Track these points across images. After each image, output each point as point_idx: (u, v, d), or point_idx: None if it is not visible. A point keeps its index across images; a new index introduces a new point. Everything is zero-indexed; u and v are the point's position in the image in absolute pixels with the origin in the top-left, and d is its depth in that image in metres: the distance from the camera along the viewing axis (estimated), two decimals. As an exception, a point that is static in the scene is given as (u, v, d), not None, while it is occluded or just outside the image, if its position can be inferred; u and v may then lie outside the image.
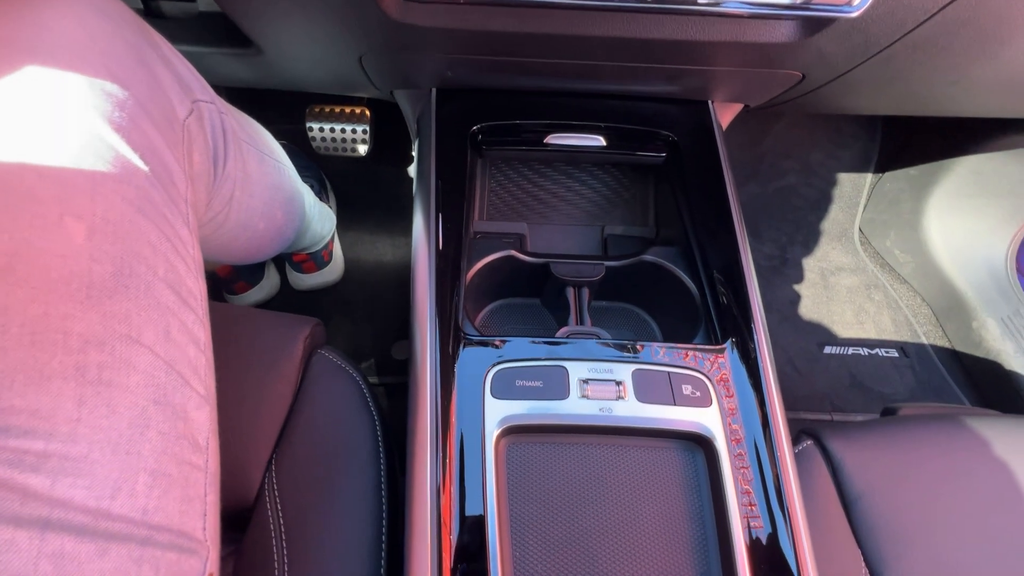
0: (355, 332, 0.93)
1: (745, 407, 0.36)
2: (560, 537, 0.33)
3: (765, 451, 0.35)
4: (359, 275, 0.99)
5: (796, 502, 0.35)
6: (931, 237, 0.93)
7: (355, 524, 0.35)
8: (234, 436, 0.39)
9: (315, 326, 0.45)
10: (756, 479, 0.34)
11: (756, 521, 0.33)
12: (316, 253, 0.91)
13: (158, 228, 0.29)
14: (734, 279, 0.43)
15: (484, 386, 0.36)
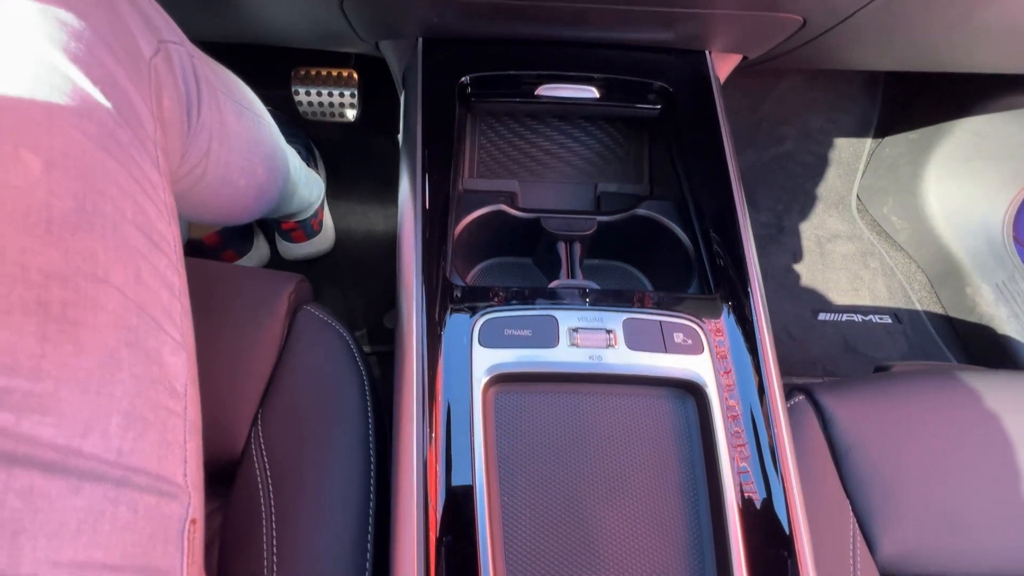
0: (346, 302, 0.92)
1: (737, 355, 0.36)
2: (549, 483, 0.32)
3: (757, 400, 0.35)
4: (350, 245, 0.98)
5: (787, 451, 0.34)
6: (929, 203, 0.92)
7: (343, 476, 0.35)
8: (219, 391, 0.38)
9: (300, 282, 0.44)
10: (747, 427, 0.34)
11: (747, 470, 0.33)
12: (305, 222, 0.89)
13: (124, 168, 0.28)
14: (728, 231, 0.42)
15: (472, 335, 0.35)
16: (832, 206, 1.01)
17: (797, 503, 0.33)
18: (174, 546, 0.27)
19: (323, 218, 0.94)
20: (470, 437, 0.32)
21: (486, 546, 0.29)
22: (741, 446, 0.33)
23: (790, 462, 0.35)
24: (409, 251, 0.39)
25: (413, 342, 0.35)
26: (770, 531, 0.32)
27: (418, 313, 0.36)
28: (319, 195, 0.85)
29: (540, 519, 0.31)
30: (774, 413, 0.35)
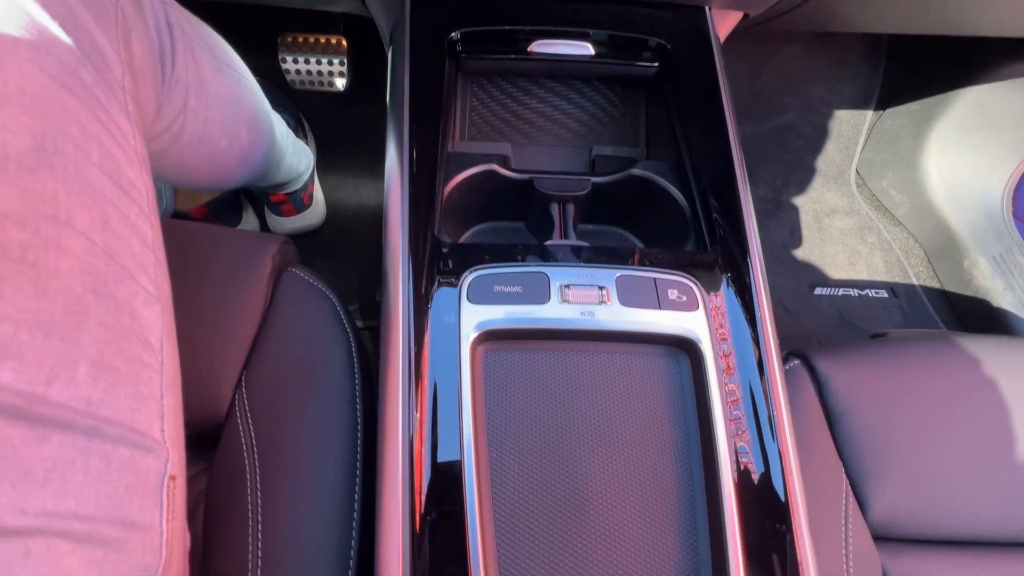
0: (338, 276, 0.91)
1: (733, 313, 0.35)
2: (538, 441, 0.32)
3: (753, 359, 0.34)
4: (342, 219, 0.96)
5: (784, 412, 0.34)
6: (929, 176, 0.91)
7: (329, 436, 0.34)
8: (201, 352, 0.37)
9: (284, 244, 0.42)
10: (744, 387, 0.33)
11: (742, 431, 0.32)
12: (295, 195, 0.87)
13: (88, 109, 0.26)
14: (726, 189, 0.41)
15: (460, 292, 0.34)
16: (831, 180, 1.00)
17: (793, 466, 0.33)
18: (152, 501, 0.26)
19: (313, 191, 0.92)
20: (458, 394, 0.31)
21: (473, 503, 0.29)
22: (735, 403, 0.33)
23: (786, 424, 0.34)
24: (396, 210, 0.38)
25: (399, 299, 0.34)
26: (765, 493, 0.31)
27: (404, 270, 0.35)
28: (308, 166, 0.83)
29: (529, 476, 0.31)
30: (770, 373, 0.35)
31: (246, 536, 0.32)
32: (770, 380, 0.34)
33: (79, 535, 0.22)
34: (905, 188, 0.95)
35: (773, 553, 0.30)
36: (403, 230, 0.36)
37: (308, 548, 0.31)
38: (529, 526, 0.30)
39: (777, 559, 0.30)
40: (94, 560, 0.22)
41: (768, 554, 0.30)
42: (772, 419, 0.33)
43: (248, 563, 0.31)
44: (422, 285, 0.34)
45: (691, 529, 0.30)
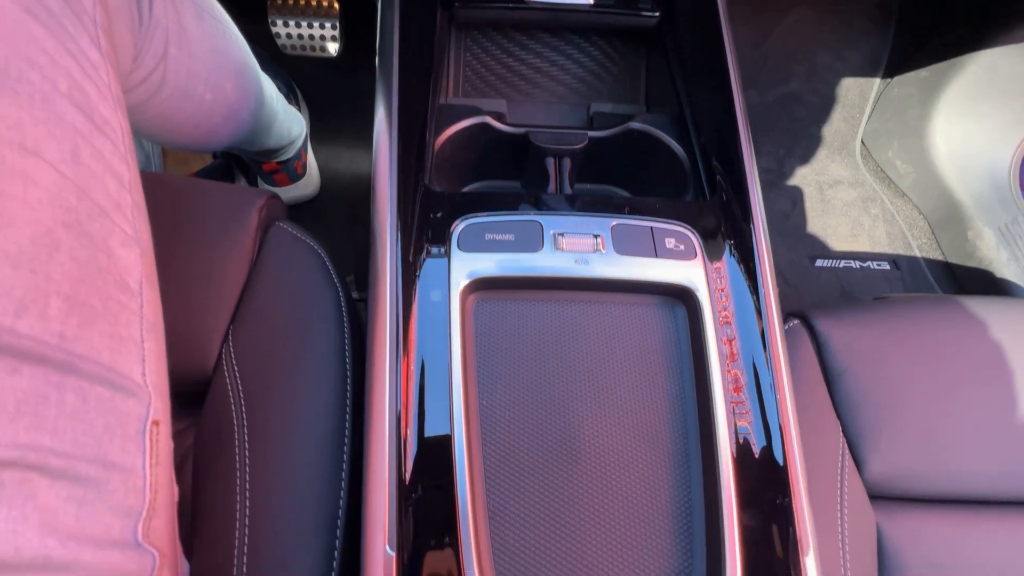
0: (334, 248, 0.89)
1: (732, 263, 0.34)
2: (529, 392, 0.31)
3: (752, 310, 0.33)
4: (337, 190, 0.94)
5: (782, 363, 0.33)
6: (935, 145, 0.89)
7: (318, 390, 0.34)
8: (187, 306, 0.36)
9: (271, 198, 0.41)
10: (741, 337, 0.32)
11: (739, 382, 0.31)
12: (288, 163, 0.86)
13: (56, 39, 0.25)
14: (727, 140, 0.39)
15: (451, 240, 0.33)
16: (835, 151, 0.98)
17: (791, 420, 0.32)
18: (134, 444, 0.25)
19: (307, 161, 0.90)
20: (447, 344, 0.30)
21: (462, 455, 0.28)
22: (733, 355, 0.32)
23: (785, 379, 0.33)
24: (384, 159, 0.36)
25: (387, 247, 0.33)
26: (762, 448, 0.31)
27: (392, 219, 0.33)
28: (300, 132, 0.81)
29: (520, 427, 0.30)
30: (770, 326, 0.34)
31: (233, 490, 0.32)
32: (769, 334, 0.33)
33: (55, 470, 0.22)
34: (911, 158, 0.93)
35: (769, 507, 0.29)
36: (391, 179, 0.35)
37: (295, 502, 0.31)
38: (520, 477, 0.30)
39: (772, 513, 0.29)
40: (72, 497, 0.22)
41: (763, 508, 0.29)
42: (771, 374, 0.33)
43: (236, 517, 0.31)
44: (412, 234, 0.33)
45: (685, 481, 0.30)
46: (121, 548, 0.24)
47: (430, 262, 0.32)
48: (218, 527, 0.31)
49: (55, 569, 0.21)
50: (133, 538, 0.25)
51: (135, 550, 0.24)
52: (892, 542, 0.39)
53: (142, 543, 0.25)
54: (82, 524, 0.22)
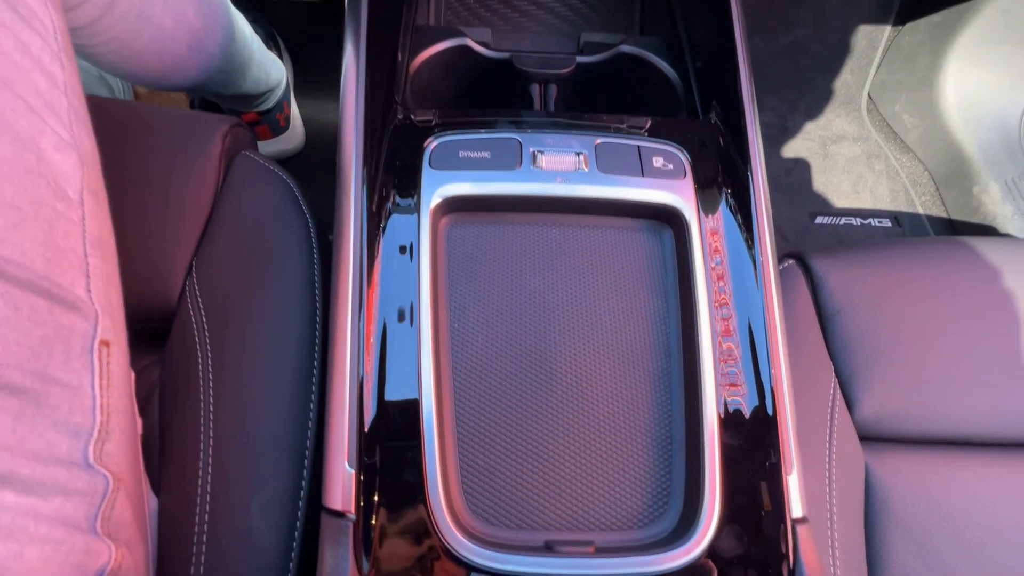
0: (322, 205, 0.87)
1: (724, 186, 0.32)
2: (504, 317, 0.29)
3: (742, 237, 0.31)
4: (322, 144, 0.91)
5: (773, 293, 0.31)
6: (945, 96, 0.86)
7: (285, 321, 0.32)
8: (148, 238, 0.34)
9: (235, 125, 0.39)
10: (731, 263, 0.30)
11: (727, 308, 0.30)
12: (269, 114, 0.82)
13: None
14: (723, 58, 0.36)
15: (422, 158, 0.30)
16: (841, 105, 0.94)
17: (777, 319, 0.30)
18: (79, 362, 0.24)
19: (289, 113, 0.87)
20: (416, 259, 0.28)
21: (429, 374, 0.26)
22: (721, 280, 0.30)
23: (776, 309, 0.31)
24: (352, 79, 0.33)
25: (352, 166, 0.30)
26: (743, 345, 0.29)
27: (358, 137, 0.31)
28: (279, 79, 0.77)
29: (494, 352, 0.29)
30: (763, 253, 0.31)
31: (198, 424, 0.30)
32: (762, 259, 0.31)
33: None
34: (919, 111, 0.89)
35: (751, 424, 0.28)
36: (358, 99, 0.32)
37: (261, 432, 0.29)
38: (491, 399, 0.28)
39: (755, 430, 0.28)
40: (7, 408, 0.21)
41: (747, 427, 0.28)
42: (762, 300, 0.31)
43: (199, 449, 0.30)
44: (381, 155, 0.31)
45: (666, 400, 0.29)
46: (67, 466, 0.22)
47: (399, 181, 0.30)
48: (183, 460, 0.30)
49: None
50: (82, 458, 0.23)
51: (84, 470, 0.23)
52: (880, 482, 0.38)
53: (93, 464, 0.24)
54: (19, 437, 0.21)
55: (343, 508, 0.24)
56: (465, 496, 0.26)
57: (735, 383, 0.28)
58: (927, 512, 0.38)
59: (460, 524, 0.24)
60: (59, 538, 0.21)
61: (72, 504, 0.22)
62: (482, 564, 0.23)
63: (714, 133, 0.33)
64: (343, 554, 0.23)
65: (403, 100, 0.35)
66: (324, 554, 0.23)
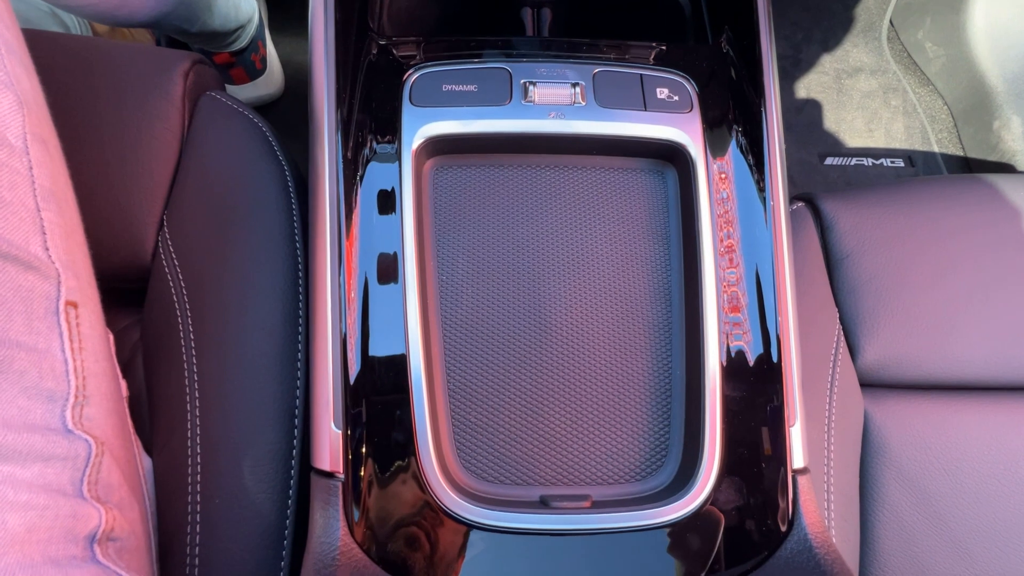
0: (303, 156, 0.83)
1: (734, 120, 0.29)
2: (494, 266, 0.27)
3: (753, 170, 0.29)
4: (303, 88, 0.85)
5: (783, 239, 0.29)
6: (973, 21, 0.79)
7: (264, 275, 0.30)
8: (113, 192, 0.32)
9: (198, 62, 0.35)
10: (739, 205, 0.28)
11: (733, 253, 0.28)
12: (243, 56, 0.76)
13: None
14: None
15: (402, 93, 0.27)
16: (860, 33, 0.88)
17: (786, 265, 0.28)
18: (45, 324, 0.22)
19: (265, 54, 0.80)
20: (399, 214, 0.26)
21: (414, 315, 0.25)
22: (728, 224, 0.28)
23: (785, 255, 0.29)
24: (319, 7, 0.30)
25: (324, 110, 0.27)
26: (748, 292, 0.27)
27: (329, 67, 0.28)
28: (250, 15, 0.71)
29: (484, 302, 0.27)
30: (772, 174, 0.29)
31: (183, 383, 0.29)
32: (772, 205, 0.29)
33: None
34: (943, 38, 0.83)
35: (754, 374, 0.27)
36: (327, 20, 0.28)
37: (247, 389, 0.29)
38: (483, 351, 0.27)
39: (758, 380, 0.27)
40: None
41: (748, 376, 0.27)
42: (772, 250, 0.29)
43: (187, 409, 0.29)
44: (355, 89, 0.28)
45: (666, 350, 0.27)
46: (43, 433, 0.22)
47: (378, 118, 0.27)
48: (172, 421, 0.29)
49: None
50: (60, 424, 0.23)
51: (63, 436, 0.22)
52: (878, 426, 0.38)
53: (72, 430, 0.23)
54: None
55: (331, 468, 0.24)
56: (457, 452, 0.25)
57: (739, 332, 0.27)
58: (922, 455, 0.38)
59: (453, 481, 0.24)
60: (42, 504, 0.21)
61: (53, 470, 0.22)
62: (476, 521, 0.23)
63: (724, 61, 0.30)
64: (333, 514, 0.23)
65: (379, 28, 0.31)
66: (314, 515, 0.23)
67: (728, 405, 0.25)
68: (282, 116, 0.85)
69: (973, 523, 0.38)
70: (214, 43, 0.69)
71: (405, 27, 0.37)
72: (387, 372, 0.25)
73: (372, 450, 0.24)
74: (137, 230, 0.32)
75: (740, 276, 0.27)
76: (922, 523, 0.37)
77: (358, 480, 0.23)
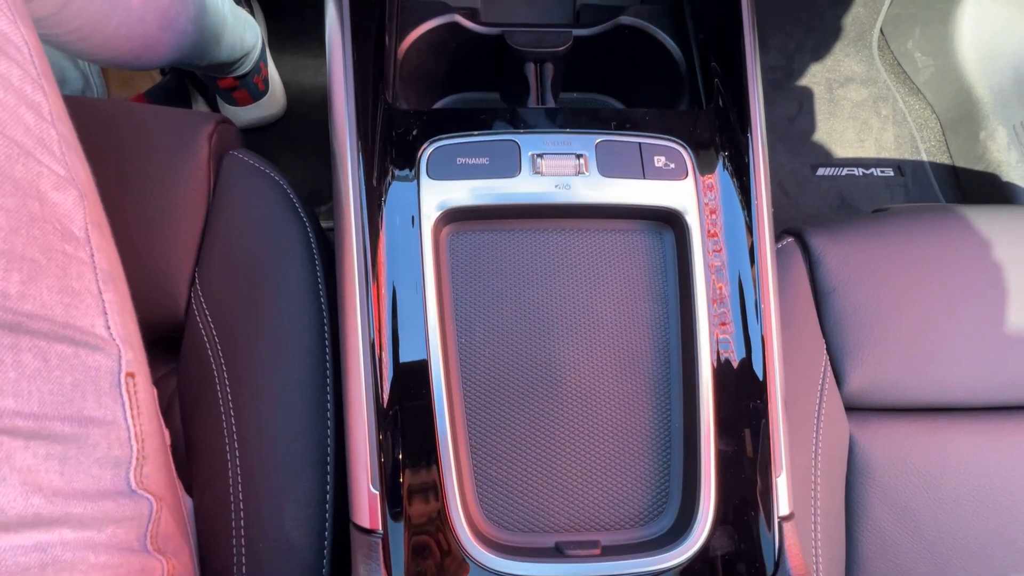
0: (308, 172, 0.84)
1: (725, 181, 0.31)
2: (508, 325, 0.30)
3: (743, 233, 0.31)
4: (305, 107, 0.86)
5: (770, 290, 0.32)
6: (961, 32, 0.81)
7: (292, 329, 0.33)
8: (147, 251, 0.34)
9: (220, 123, 0.37)
10: (730, 261, 0.31)
11: (724, 307, 0.30)
12: (246, 79, 0.78)
13: None
14: (729, 36, 0.34)
15: (419, 166, 0.30)
16: (851, 42, 0.89)
17: (775, 348, 0.32)
18: (110, 398, 0.25)
19: (268, 75, 0.82)
20: (420, 279, 0.28)
21: (440, 389, 0.28)
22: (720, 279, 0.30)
23: (772, 305, 0.32)
24: (339, 71, 0.32)
25: (349, 177, 0.30)
26: (742, 373, 0.30)
27: (352, 143, 0.30)
28: (255, 42, 0.72)
29: (501, 359, 0.30)
30: (761, 251, 0.32)
31: (221, 431, 0.32)
32: (759, 250, 0.32)
33: (27, 432, 0.21)
34: (932, 48, 0.85)
35: (746, 431, 0.30)
36: (347, 94, 0.31)
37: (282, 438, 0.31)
38: (501, 408, 0.30)
39: (749, 436, 0.30)
40: (52, 454, 0.22)
41: (740, 431, 0.30)
42: (758, 300, 0.31)
43: (227, 456, 0.31)
44: (374, 161, 0.30)
45: (666, 406, 0.30)
46: (114, 497, 0.24)
47: (397, 188, 0.29)
48: (213, 466, 0.32)
49: (47, 524, 0.21)
50: (126, 486, 0.25)
51: (129, 498, 0.25)
52: (863, 448, 0.41)
53: (136, 490, 0.25)
54: (68, 479, 0.22)
55: (371, 526, 0.26)
56: (481, 506, 0.28)
57: (730, 390, 0.30)
58: (903, 472, 0.41)
59: (479, 534, 0.27)
60: (116, 563, 0.23)
61: (123, 530, 0.24)
62: (501, 571, 0.26)
63: (717, 126, 0.32)
64: (375, 568, 0.25)
65: (393, 94, 0.33)
66: (358, 568, 0.26)
67: (721, 456, 0.28)
68: (285, 133, 0.87)
69: (950, 534, 0.41)
70: (220, 71, 0.71)
71: (416, 81, 0.39)
72: (417, 434, 0.27)
73: (407, 509, 0.27)
74: (171, 287, 0.34)
75: (731, 338, 0.30)
76: (903, 535, 0.41)
77: (397, 537, 0.26)
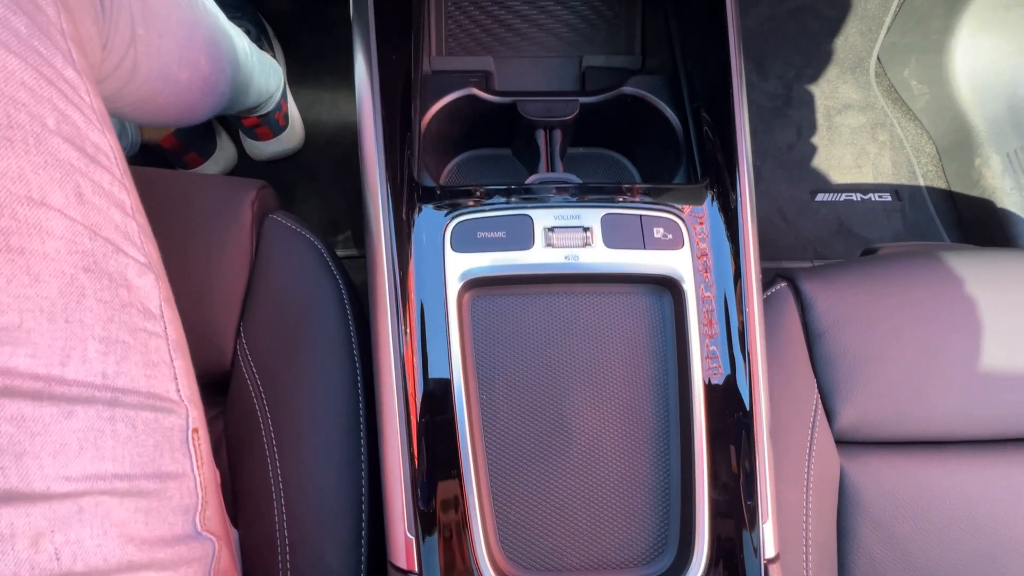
0: (326, 203, 0.88)
1: (717, 246, 0.35)
2: (524, 378, 0.34)
3: (732, 286, 0.35)
4: (322, 140, 0.90)
5: (756, 331, 0.35)
6: (955, 62, 0.84)
7: (328, 380, 0.36)
8: (198, 310, 0.38)
9: (262, 188, 0.41)
10: (719, 312, 0.34)
11: (715, 353, 0.34)
12: (268, 116, 0.82)
13: (32, 68, 0.24)
14: (722, 111, 0.38)
15: (443, 240, 0.33)
16: (848, 70, 0.92)
17: (760, 380, 0.35)
18: (181, 453, 0.28)
19: (288, 110, 0.86)
20: (446, 338, 0.32)
21: (466, 439, 0.31)
22: (713, 337, 0.34)
23: (758, 342, 0.35)
24: (371, 147, 0.35)
25: (382, 247, 0.33)
26: (730, 406, 0.34)
27: (385, 216, 0.34)
28: (278, 84, 0.76)
29: (518, 413, 0.33)
30: (748, 297, 0.35)
31: (267, 472, 0.36)
32: (747, 304, 0.35)
33: (122, 491, 0.25)
34: (927, 77, 0.87)
35: (737, 480, 0.33)
36: (380, 172, 0.34)
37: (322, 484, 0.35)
38: (519, 460, 0.33)
39: (739, 485, 0.33)
40: (139, 508, 0.25)
41: (732, 481, 0.33)
42: (745, 340, 0.35)
43: (272, 496, 0.35)
44: (404, 231, 0.34)
45: (664, 458, 0.34)
46: (185, 541, 0.28)
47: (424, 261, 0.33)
48: (260, 506, 0.35)
49: (138, 569, 0.25)
50: (194, 530, 0.29)
51: (197, 540, 0.29)
52: (853, 480, 0.44)
53: (202, 532, 0.29)
54: (151, 529, 0.26)
55: (408, 567, 0.30)
56: (503, 547, 0.31)
57: (722, 444, 0.33)
58: (893, 505, 0.44)
59: (500, 572, 0.30)
60: None
61: (193, 569, 0.28)
62: None
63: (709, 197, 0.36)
64: None
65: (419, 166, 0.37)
66: None
67: (714, 503, 0.32)
68: (303, 164, 0.91)
69: (937, 560, 0.44)
70: (245, 112, 0.75)
71: (436, 145, 0.43)
72: (447, 484, 0.31)
73: (439, 551, 0.30)
74: (219, 341, 0.38)
75: (722, 397, 0.33)
76: (893, 563, 0.43)
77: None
